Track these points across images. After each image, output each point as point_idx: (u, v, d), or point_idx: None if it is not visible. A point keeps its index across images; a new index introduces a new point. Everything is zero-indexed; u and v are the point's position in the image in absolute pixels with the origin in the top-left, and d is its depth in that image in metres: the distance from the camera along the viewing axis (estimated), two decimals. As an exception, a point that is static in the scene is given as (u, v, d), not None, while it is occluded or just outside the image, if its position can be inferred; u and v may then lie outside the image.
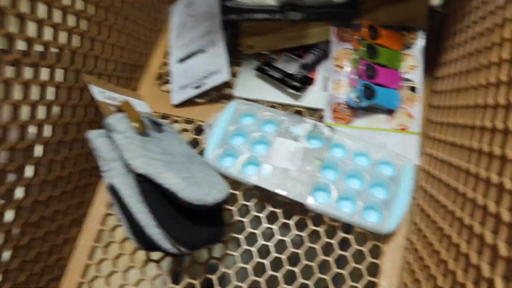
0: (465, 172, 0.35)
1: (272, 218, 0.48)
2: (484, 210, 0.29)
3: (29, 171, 0.41)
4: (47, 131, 0.43)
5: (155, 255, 0.48)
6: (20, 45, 0.38)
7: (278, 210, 0.48)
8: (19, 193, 0.41)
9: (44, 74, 0.42)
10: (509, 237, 0.26)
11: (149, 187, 0.39)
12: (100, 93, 0.49)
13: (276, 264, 0.46)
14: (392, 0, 0.53)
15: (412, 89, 0.51)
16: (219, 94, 0.58)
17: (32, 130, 0.41)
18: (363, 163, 0.47)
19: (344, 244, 0.48)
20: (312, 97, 0.54)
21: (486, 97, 0.34)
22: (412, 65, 0.52)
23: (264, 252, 0.50)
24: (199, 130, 0.55)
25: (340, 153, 0.48)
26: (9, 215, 0.39)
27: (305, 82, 0.54)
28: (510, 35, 0.32)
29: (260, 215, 0.48)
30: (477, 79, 0.36)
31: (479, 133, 0.34)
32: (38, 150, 0.42)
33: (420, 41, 0.52)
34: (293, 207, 0.48)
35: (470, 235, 0.31)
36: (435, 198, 0.40)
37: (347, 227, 0.48)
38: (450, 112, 0.43)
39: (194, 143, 0.54)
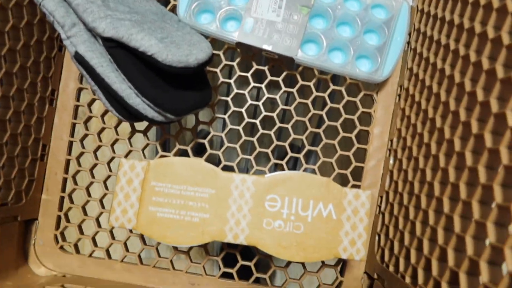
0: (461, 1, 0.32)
1: (258, 76, 0.45)
2: (483, 36, 0.27)
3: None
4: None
5: (141, 125, 0.45)
6: None
7: (264, 68, 0.45)
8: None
9: None
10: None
11: (121, 52, 0.35)
12: None
13: (267, 122, 0.45)
14: None
15: None
16: None
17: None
18: (354, 8, 0.43)
19: (335, 97, 0.46)
20: None
21: None
22: None
23: (253, 112, 0.49)
24: (165, -16, 0.48)
25: (329, -3, 0.43)
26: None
27: None
28: None
29: (246, 74, 0.45)
30: None
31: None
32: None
33: None
34: (281, 63, 0.44)
35: (474, 71, 0.29)
36: (433, 39, 0.37)
37: (336, 79, 0.46)
38: None
39: (163, 1, 0.47)
